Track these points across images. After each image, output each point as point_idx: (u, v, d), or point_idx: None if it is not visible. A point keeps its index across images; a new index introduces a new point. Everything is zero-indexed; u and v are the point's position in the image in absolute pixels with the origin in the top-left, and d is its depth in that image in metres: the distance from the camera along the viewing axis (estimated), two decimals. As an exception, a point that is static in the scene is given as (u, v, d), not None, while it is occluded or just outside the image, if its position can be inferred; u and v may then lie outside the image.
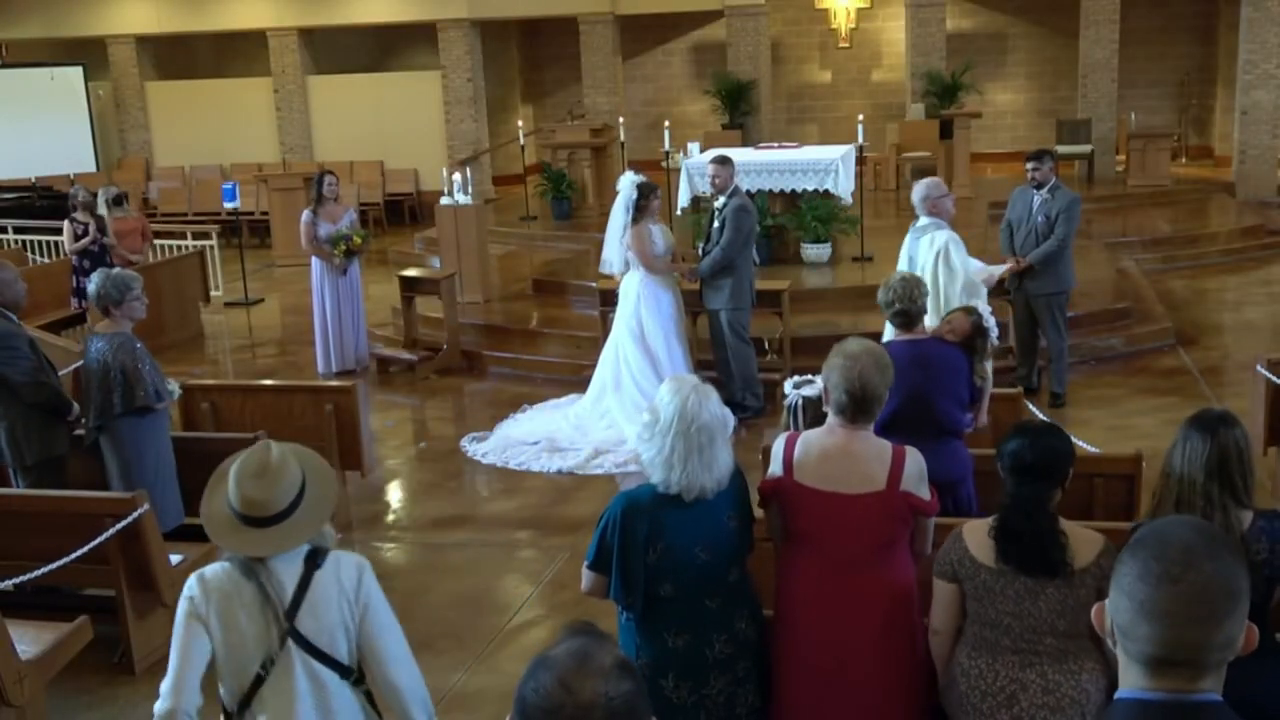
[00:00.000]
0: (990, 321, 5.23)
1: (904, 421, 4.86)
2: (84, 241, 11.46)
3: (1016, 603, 3.40)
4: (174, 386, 6.40)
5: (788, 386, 4.68)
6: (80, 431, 6.23)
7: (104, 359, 5.94)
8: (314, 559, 3.20)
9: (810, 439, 3.76)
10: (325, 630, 3.16)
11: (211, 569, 3.21)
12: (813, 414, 4.50)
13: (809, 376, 4.58)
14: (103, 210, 11.71)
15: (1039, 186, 8.55)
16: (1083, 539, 3.43)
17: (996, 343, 5.38)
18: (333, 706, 3.18)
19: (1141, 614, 1.82)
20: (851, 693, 3.64)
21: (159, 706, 3.13)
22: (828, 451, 3.68)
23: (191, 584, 3.17)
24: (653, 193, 8.50)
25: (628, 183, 8.57)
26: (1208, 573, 1.81)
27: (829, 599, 3.64)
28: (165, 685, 3.14)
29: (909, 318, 5.08)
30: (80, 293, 11.45)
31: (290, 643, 3.12)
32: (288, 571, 3.17)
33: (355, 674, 3.23)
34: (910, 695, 3.68)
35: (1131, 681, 1.88)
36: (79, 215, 11.55)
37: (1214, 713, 1.84)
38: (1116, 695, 1.90)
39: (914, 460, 3.67)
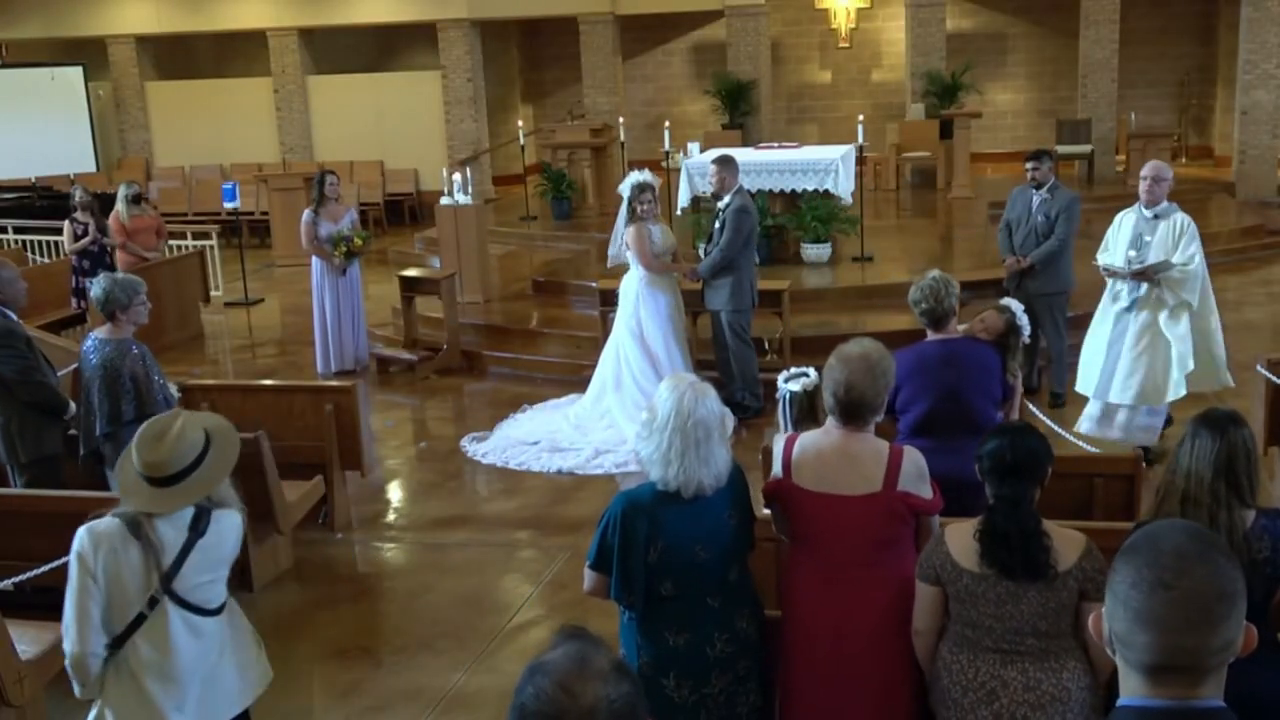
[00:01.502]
0: (1024, 320, 5.23)
1: (939, 420, 4.87)
2: (84, 242, 11.48)
3: (998, 605, 3.41)
4: (173, 390, 6.39)
5: (779, 380, 4.70)
6: (75, 431, 6.20)
7: (112, 365, 5.90)
8: (198, 524, 3.59)
9: (808, 441, 3.77)
10: (199, 588, 3.59)
11: (103, 523, 3.58)
12: (799, 408, 4.51)
13: (802, 370, 4.58)
14: (121, 207, 11.72)
15: (1038, 186, 8.55)
16: (1065, 540, 3.43)
17: (1028, 341, 5.39)
18: (204, 634, 3.62)
19: (1138, 623, 1.81)
20: (855, 690, 3.65)
21: (68, 648, 3.49)
22: (824, 453, 3.69)
23: (82, 538, 3.54)
24: (638, 195, 8.47)
25: (627, 183, 8.60)
26: (1201, 577, 1.80)
27: (831, 598, 3.65)
28: (70, 631, 3.48)
29: (935, 318, 5.08)
30: (80, 293, 11.44)
31: (166, 597, 3.53)
32: (172, 533, 3.56)
33: (224, 605, 3.70)
34: (913, 693, 3.68)
35: (1132, 689, 1.86)
36: (79, 215, 11.56)
37: (1218, 718, 1.83)
38: (1118, 703, 1.88)
39: (912, 460, 3.67)
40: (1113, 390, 7.30)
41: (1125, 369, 7.26)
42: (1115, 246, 7.37)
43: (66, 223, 11.69)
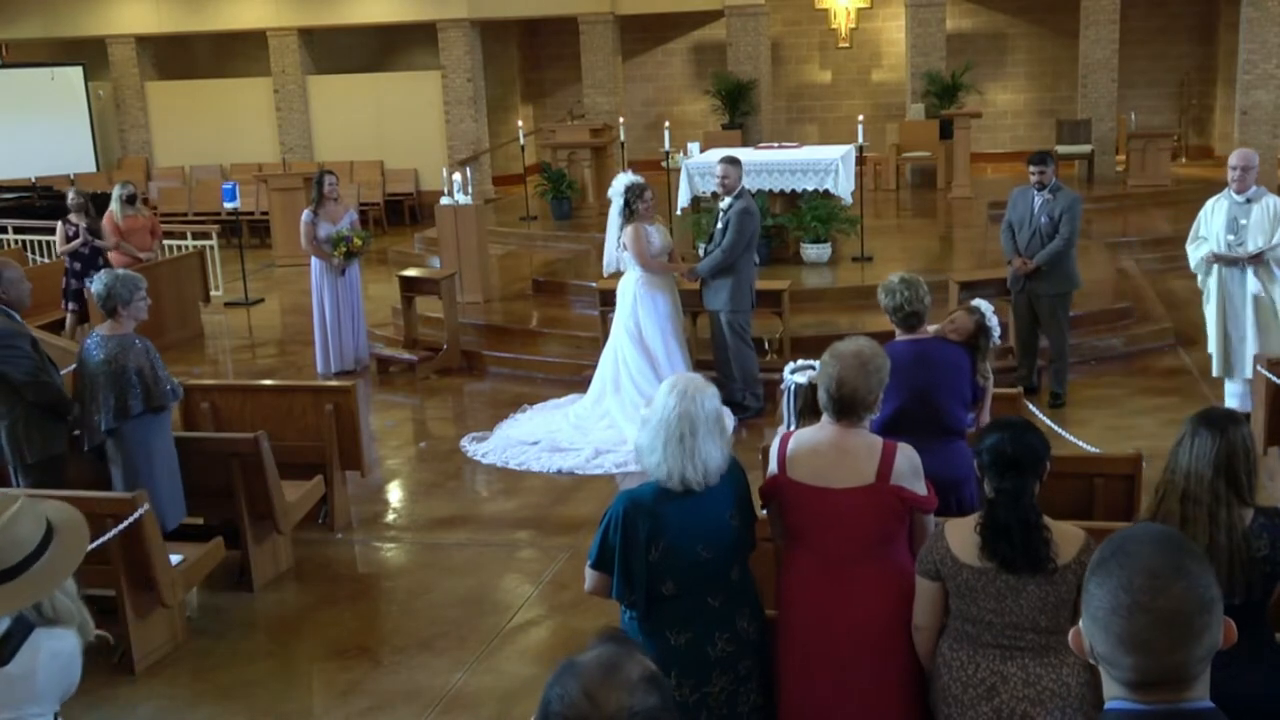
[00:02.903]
0: (993, 321, 5.24)
1: (908, 420, 4.87)
2: (75, 244, 11.37)
3: (998, 600, 3.42)
4: (177, 383, 6.41)
5: (785, 371, 4.72)
6: (78, 432, 6.21)
7: (116, 361, 5.92)
8: (3, 650, 2.80)
9: (802, 436, 3.79)
10: None
11: None
12: (804, 400, 4.53)
13: (808, 363, 4.60)
14: (115, 207, 11.70)
15: (1041, 187, 8.54)
16: (1065, 535, 3.45)
17: (999, 342, 5.39)
18: None
19: (1121, 647, 1.80)
20: (852, 687, 3.65)
21: None
22: (819, 448, 3.71)
23: None
24: (638, 195, 8.48)
25: (619, 185, 8.59)
26: (1178, 594, 1.79)
27: (826, 594, 3.66)
28: None
29: (920, 318, 5.09)
30: (70, 295, 11.36)
31: None
32: None
33: None
34: (910, 689, 3.69)
35: (1118, 693, 1.87)
36: (72, 217, 11.47)
37: (1209, 719, 1.84)
38: (1106, 706, 1.88)
39: (905, 456, 3.68)
40: (1248, 366, 7.74)
41: (1249, 346, 7.75)
42: (1210, 233, 7.80)
43: (59, 224, 11.61)
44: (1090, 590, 1.86)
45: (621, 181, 8.61)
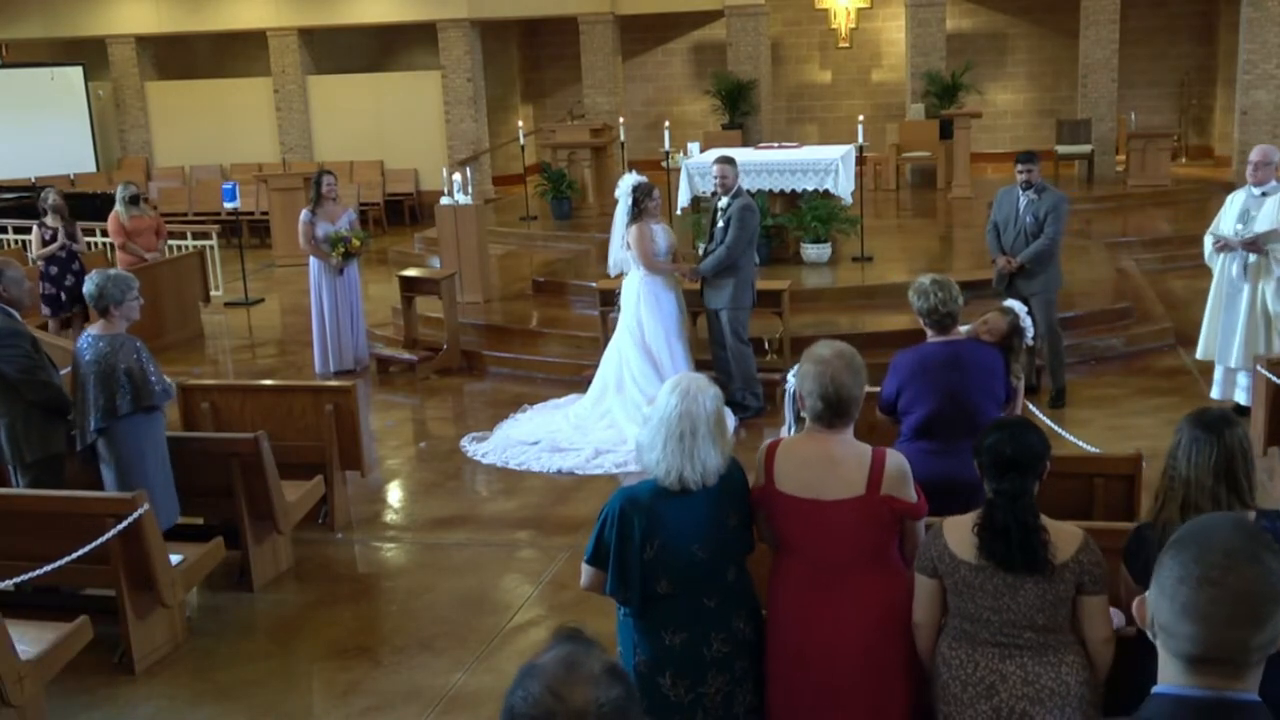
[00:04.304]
0: (1027, 321, 5.23)
1: (942, 422, 4.86)
2: (52, 247, 11.23)
3: (996, 598, 3.42)
4: (170, 383, 6.40)
5: (789, 374, 4.71)
6: (74, 432, 6.21)
7: (106, 361, 5.92)
8: None
9: (790, 446, 3.76)
10: None
11: None
12: None
13: None
14: (120, 208, 11.66)
15: (1028, 187, 8.54)
16: (1062, 534, 3.45)
17: (1031, 342, 5.39)
18: None
19: (1184, 615, 1.83)
20: (842, 695, 3.64)
21: None
22: (807, 458, 3.68)
23: None
24: (648, 194, 8.51)
25: (626, 185, 8.60)
26: (1249, 576, 1.81)
27: (816, 604, 3.64)
28: None
29: (954, 319, 5.08)
30: (47, 299, 11.23)
31: None
32: None
33: None
34: (902, 698, 3.68)
35: (1170, 677, 1.89)
36: (48, 220, 11.32)
37: (1254, 713, 1.85)
38: (1155, 690, 1.91)
39: (895, 463, 3.65)
40: (1232, 356, 7.99)
41: (1239, 336, 7.93)
42: (1225, 224, 8.08)
43: (34, 227, 11.47)
44: (1163, 562, 1.89)
45: (629, 181, 8.62)
